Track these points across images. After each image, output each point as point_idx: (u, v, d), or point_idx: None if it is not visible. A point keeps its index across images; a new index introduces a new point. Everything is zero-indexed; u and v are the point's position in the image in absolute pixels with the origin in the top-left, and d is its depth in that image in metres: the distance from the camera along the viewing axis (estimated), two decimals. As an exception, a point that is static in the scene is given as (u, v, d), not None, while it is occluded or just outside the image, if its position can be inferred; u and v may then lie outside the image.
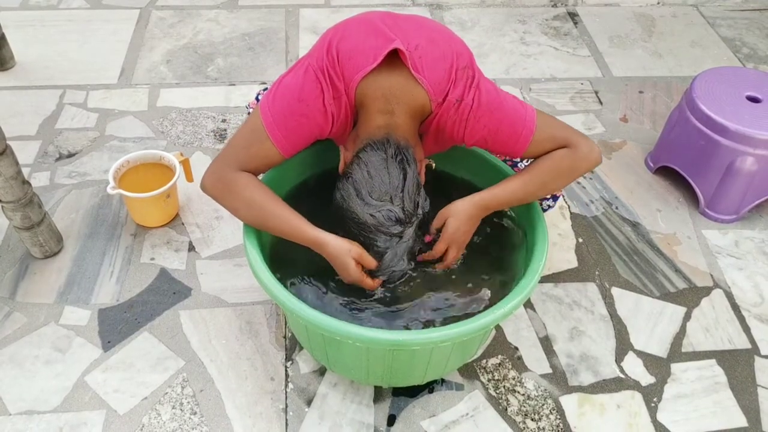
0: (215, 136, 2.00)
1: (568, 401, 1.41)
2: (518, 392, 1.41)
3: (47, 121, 2.02)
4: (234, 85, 2.21)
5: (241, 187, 1.23)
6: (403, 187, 1.19)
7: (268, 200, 1.23)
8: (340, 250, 1.21)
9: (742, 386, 1.45)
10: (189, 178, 1.76)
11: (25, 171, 1.84)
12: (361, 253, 1.21)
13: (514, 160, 1.47)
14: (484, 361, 1.47)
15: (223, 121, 2.06)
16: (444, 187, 1.49)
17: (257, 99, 1.58)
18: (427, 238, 1.31)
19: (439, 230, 1.30)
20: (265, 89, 1.58)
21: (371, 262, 1.22)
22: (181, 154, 1.71)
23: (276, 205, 1.23)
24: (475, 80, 1.23)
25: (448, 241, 1.29)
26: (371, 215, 1.18)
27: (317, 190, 1.45)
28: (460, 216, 1.28)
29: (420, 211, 1.22)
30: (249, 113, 1.59)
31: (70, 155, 1.91)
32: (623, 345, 1.51)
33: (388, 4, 2.64)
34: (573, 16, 2.64)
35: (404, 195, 1.19)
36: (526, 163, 1.45)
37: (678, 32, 2.58)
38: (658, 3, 2.73)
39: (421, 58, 1.21)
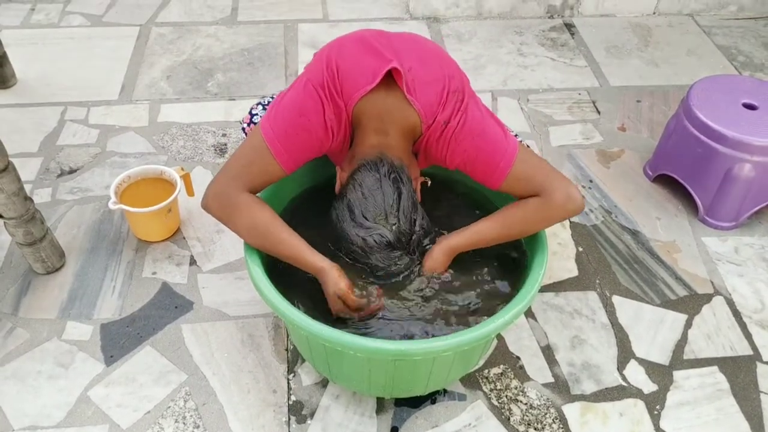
0: (216, 150, 2.01)
1: (571, 410, 1.40)
2: (521, 402, 1.41)
3: (49, 138, 2.04)
4: (234, 100, 2.23)
5: (245, 210, 1.23)
6: (398, 206, 1.20)
7: (272, 225, 1.23)
8: (331, 285, 1.22)
9: (745, 393, 1.45)
10: (190, 192, 1.77)
11: (27, 187, 1.85)
12: (345, 294, 1.21)
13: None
14: (486, 370, 1.47)
15: (224, 135, 2.07)
16: (445, 194, 1.51)
17: (251, 113, 1.59)
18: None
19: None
20: (259, 104, 1.60)
21: (353, 302, 1.22)
22: (182, 169, 1.72)
23: (279, 229, 1.23)
24: (463, 104, 1.24)
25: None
26: (363, 238, 1.20)
27: (315, 203, 1.46)
28: (440, 267, 1.30)
29: (418, 229, 1.24)
30: (243, 129, 1.60)
31: (72, 171, 1.92)
32: (625, 353, 1.51)
33: (386, 18, 2.66)
34: (569, 26, 2.66)
35: (399, 214, 1.20)
36: None
37: (674, 41, 2.60)
38: (654, 13, 2.76)
39: (414, 81, 1.22)
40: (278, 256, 1.26)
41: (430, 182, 1.43)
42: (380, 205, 1.20)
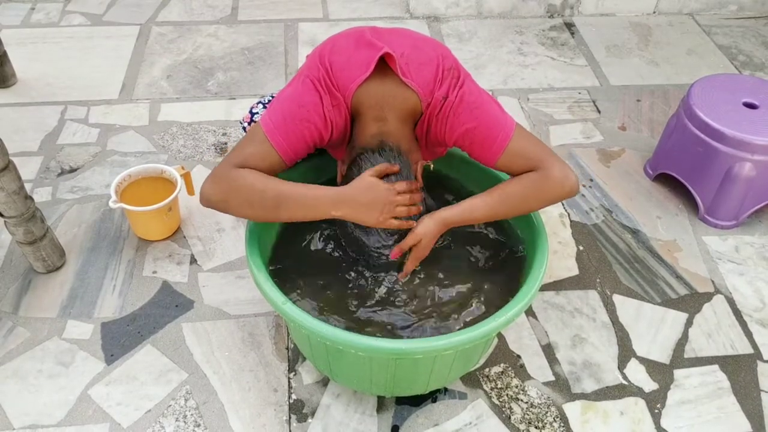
0: (216, 149, 2.01)
1: (572, 409, 1.40)
2: (521, 400, 1.41)
3: (49, 137, 2.04)
4: (234, 99, 2.23)
5: (248, 180, 1.18)
6: None
7: (280, 183, 1.19)
8: (364, 185, 1.19)
9: (746, 391, 1.45)
10: (190, 191, 1.77)
11: (28, 186, 1.85)
12: (377, 169, 1.20)
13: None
14: (487, 369, 1.47)
15: (224, 134, 2.07)
16: (442, 188, 1.52)
17: (251, 112, 1.59)
18: (393, 255, 1.28)
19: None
20: (259, 102, 1.60)
21: (389, 167, 1.21)
22: (183, 168, 1.72)
23: (289, 184, 1.19)
24: (460, 80, 1.25)
25: (416, 259, 1.29)
26: (362, 239, 1.23)
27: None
28: (429, 236, 1.26)
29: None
30: (244, 128, 1.60)
31: (72, 170, 1.92)
32: (625, 352, 1.51)
33: (386, 17, 2.66)
34: (569, 26, 2.66)
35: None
36: None
37: (674, 41, 2.60)
38: (654, 12, 2.76)
39: (408, 64, 1.24)
40: (297, 214, 1.20)
41: (432, 165, 1.43)
42: None
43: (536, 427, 1.37)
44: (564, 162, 1.26)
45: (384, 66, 1.23)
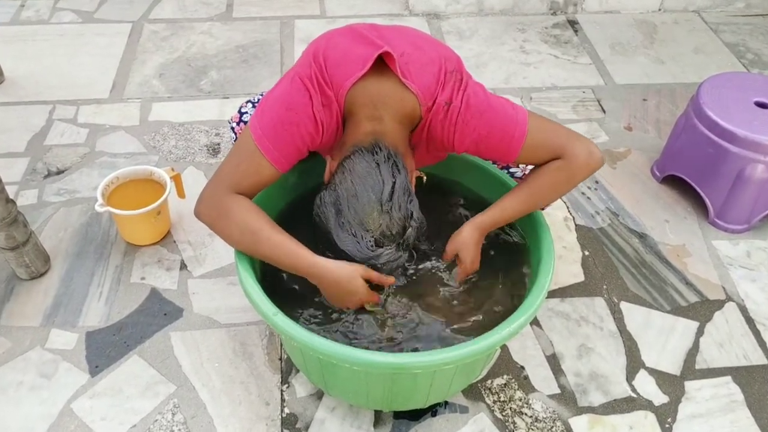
0: (208, 150, 1.95)
1: (578, 423, 1.34)
2: (525, 414, 1.35)
3: (36, 138, 1.97)
4: (228, 98, 2.16)
5: (234, 211, 1.16)
6: (392, 195, 1.13)
7: (263, 225, 1.16)
8: (346, 274, 1.15)
9: (760, 404, 1.39)
10: (180, 194, 1.71)
11: (13, 189, 1.79)
12: (368, 271, 1.16)
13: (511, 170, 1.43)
14: (489, 381, 1.40)
15: (217, 135, 2.01)
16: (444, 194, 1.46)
17: (240, 112, 1.53)
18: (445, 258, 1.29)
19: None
20: (249, 102, 1.54)
21: (379, 275, 1.18)
22: (173, 170, 1.66)
23: (271, 230, 1.16)
24: (463, 83, 1.19)
25: (468, 271, 1.28)
26: (350, 243, 1.15)
27: (308, 210, 1.39)
28: (470, 246, 1.26)
29: (414, 222, 1.17)
30: (232, 128, 1.53)
31: (59, 172, 1.86)
32: (634, 362, 1.45)
33: (384, 14, 2.60)
34: (573, 23, 2.60)
35: (393, 204, 1.14)
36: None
37: (680, 39, 2.54)
38: (660, 9, 2.69)
39: (408, 64, 1.17)
40: (270, 261, 1.18)
41: (425, 178, 1.36)
42: (371, 195, 1.13)
43: (541, 443, 1.31)
44: (584, 138, 1.22)
45: (382, 65, 1.17)
